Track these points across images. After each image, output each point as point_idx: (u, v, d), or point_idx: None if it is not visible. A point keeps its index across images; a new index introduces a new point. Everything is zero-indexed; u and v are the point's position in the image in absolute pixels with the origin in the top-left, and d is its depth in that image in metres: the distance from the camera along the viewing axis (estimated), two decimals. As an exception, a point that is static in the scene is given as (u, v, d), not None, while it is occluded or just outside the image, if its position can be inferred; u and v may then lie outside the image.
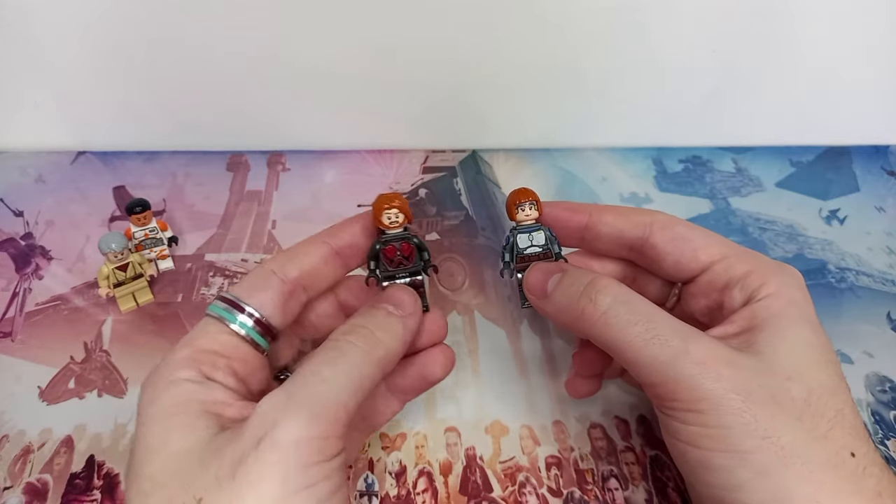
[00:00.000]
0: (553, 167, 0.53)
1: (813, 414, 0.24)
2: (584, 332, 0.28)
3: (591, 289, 0.28)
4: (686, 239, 0.30)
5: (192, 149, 0.52)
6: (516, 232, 0.32)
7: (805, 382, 0.25)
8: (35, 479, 0.33)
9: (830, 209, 0.51)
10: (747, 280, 0.28)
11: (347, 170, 0.52)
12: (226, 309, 0.27)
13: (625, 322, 0.26)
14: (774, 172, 0.54)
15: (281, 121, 0.52)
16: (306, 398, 0.23)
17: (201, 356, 0.26)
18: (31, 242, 0.45)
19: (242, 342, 0.27)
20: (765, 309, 0.27)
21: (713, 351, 0.25)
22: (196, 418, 0.24)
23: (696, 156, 0.55)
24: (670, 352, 0.25)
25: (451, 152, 0.54)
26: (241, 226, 0.47)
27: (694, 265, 0.30)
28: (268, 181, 0.51)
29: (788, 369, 0.25)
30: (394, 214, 0.30)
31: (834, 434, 0.24)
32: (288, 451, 0.22)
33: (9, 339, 0.39)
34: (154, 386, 0.25)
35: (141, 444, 0.24)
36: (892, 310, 0.44)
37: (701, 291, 0.30)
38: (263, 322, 0.28)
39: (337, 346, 0.26)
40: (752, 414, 0.24)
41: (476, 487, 0.34)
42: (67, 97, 0.49)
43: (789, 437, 0.23)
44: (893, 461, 0.36)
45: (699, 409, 0.24)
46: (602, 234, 0.32)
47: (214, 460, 0.22)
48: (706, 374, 0.24)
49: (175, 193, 0.49)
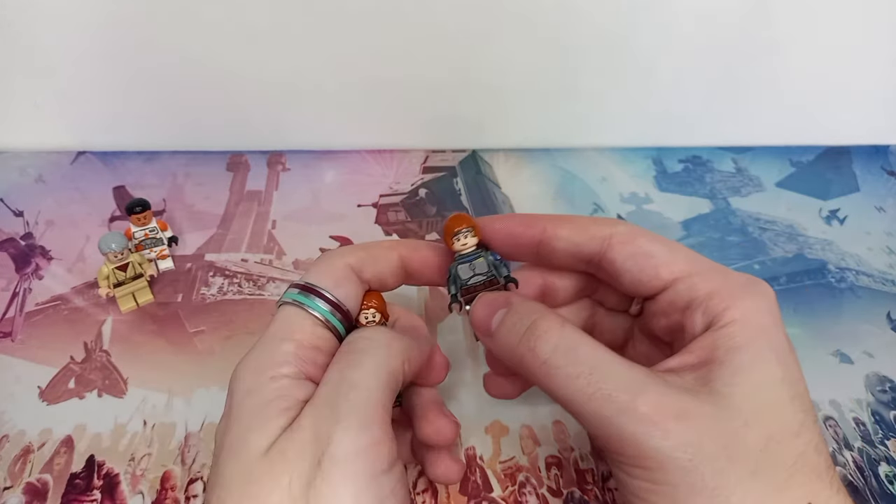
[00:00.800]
0: (553, 167, 0.53)
1: (771, 464, 0.22)
2: (529, 379, 0.27)
3: (531, 335, 0.25)
4: (647, 255, 0.27)
5: (192, 149, 0.52)
6: (456, 264, 0.29)
7: (764, 427, 0.23)
8: (35, 479, 0.33)
9: (830, 209, 0.51)
10: (711, 302, 0.26)
11: (347, 170, 0.52)
12: (304, 295, 0.27)
13: (566, 374, 0.24)
14: (774, 172, 0.54)
15: (281, 121, 0.52)
16: (348, 407, 0.23)
17: (304, 353, 0.26)
18: (31, 242, 0.45)
19: (333, 337, 0.27)
20: (727, 339, 0.24)
21: (662, 401, 0.23)
22: (280, 414, 0.24)
23: (696, 156, 0.55)
24: (614, 408, 0.23)
25: (451, 152, 0.54)
26: (241, 226, 0.47)
27: (655, 283, 0.27)
28: (268, 181, 0.51)
29: (746, 413, 0.23)
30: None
31: (793, 482, 0.22)
32: (349, 466, 0.22)
33: (9, 339, 0.39)
34: (255, 377, 0.25)
35: (227, 440, 0.23)
36: (892, 310, 0.44)
37: (661, 311, 0.28)
38: (341, 307, 0.27)
39: (356, 347, 0.26)
40: (699, 473, 0.22)
41: (476, 487, 0.34)
42: (67, 97, 0.49)
43: (740, 494, 0.22)
44: (893, 461, 0.36)
45: (645, 466, 0.23)
46: (558, 249, 0.29)
47: (285, 475, 0.22)
48: (652, 433, 0.22)
49: (175, 193, 0.49)
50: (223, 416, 0.25)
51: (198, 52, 0.46)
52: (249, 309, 0.42)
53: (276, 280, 0.44)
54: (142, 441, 0.35)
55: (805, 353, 0.41)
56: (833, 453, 0.36)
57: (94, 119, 0.51)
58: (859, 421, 0.38)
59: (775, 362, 0.24)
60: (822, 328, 0.43)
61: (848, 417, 0.38)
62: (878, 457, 0.36)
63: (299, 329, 0.26)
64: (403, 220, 0.49)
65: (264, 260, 0.45)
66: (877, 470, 0.36)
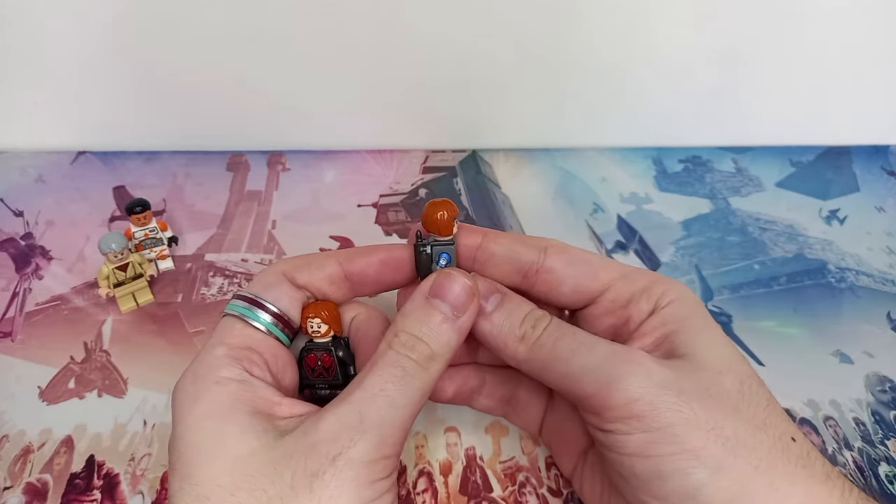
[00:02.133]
0: (553, 167, 0.53)
1: (748, 403, 0.24)
2: (515, 359, 0.28)
3: (532, 318, 0.28)
4: (584, 261, 0.30)
5: (192, 149, 0.52)
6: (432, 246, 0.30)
7: (735, 374, 0.25)
8: (35, 479, 0.33)
9: (830, 209, 0.51)
10: (651, 290, 0.28)
11: (347, 170, 0.52)
12: (246, 307, 0.28)
13: (555, 339, 0.27)
14: (774, 172, 0.54)
15: (281, 121, 0.52)
16: (378, 422, 0.24)
17: (239, 353, 0.27)
18: (31, 242, 0.45)
19: (267, 337, 0.28)
20: (673, 313, 0.27)
21: (641, 353, 0.26)
22: (251, 418, 0.24)
23: (696, 156, 0.55)
24: (598, 356, 0.26)
25: (451, 152, 0.54)
26: (241, 226, 0.47)
27: (596, 285, 0.29)
28: (268, 181, 0.51)
29: (717, 364, 0.25)
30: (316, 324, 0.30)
31: (772, 421, 0.24)
32: (360, 470, 0.23)
33: (9, 339, 0.39)
34: (196, 385, 0.25)
35: (191, 446, 0.24)
36: (892, 310, 0.44)
37: (605, 311, 0.30)
38: (282, 317, 0.29)
39: (400, 362, 0.26)
40: (689, 408, 0.23)
41: (476, 487, 0.34)
42: (67, 97, 0.49)
43: (731, 428, 0.23)
44: (893, 461, 0.36)
45: (637, 414, 0.24)
46: (496, 254, 0.30)
47: (288, 469, 0.23)
48: (637, 372, 0.24)
49: (175, 193, 0.49)
50: (173, 430, 0.25)
51: (198, 53, 0.46)
52: (249, 309, 0.42)
53: (276, 280, 0.44)
54: (142, 441, 0.35)
55: (805, 353, 0.41)
56: (833, 453, 0.36)
57: (94, 119, 0.51)
58: (859, 421, 0.38)
59: (717, 329, 0.27)
60: (822, 328, 0.43)
61: (848, 417, 0.38)
62: (878, 457, 0.36)
63: (228, 333, 0.27)
64: (403, 220, 0.49)
65: (264, 260, 0.45)
66: (877, 470, 0.36)
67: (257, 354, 0.27)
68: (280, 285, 0.29)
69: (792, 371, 0.40)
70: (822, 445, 0.37)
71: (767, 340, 0.42)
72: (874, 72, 0.52)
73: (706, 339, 0.26)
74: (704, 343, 0.26)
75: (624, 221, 0.49)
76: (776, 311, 0.44)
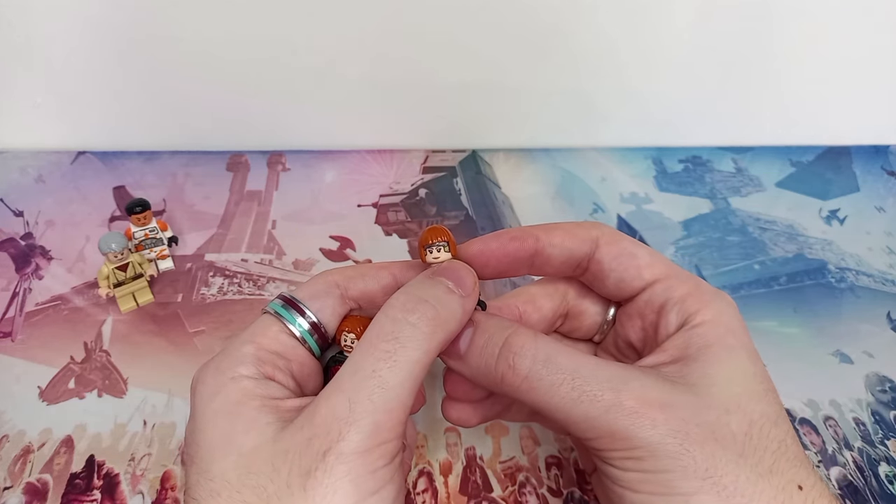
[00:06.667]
0: (553, 167, 0.53)
1: (755, 448, 0.23)
2: (509, 396, 0.27)
3: (508, 352, 0.25)
4: (632, 255, 0.29)
5: (192, 149, 0.52)
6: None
7: (745, 414, 0.24)
8: (35, 479, 0.33)
9: (830, 209, 0.51)
10: (685, 303, 0.27)
11: (347, 170, 0.52)
12: (285, 307, 0.28)
13: (549, 384, 0.24)
14: (774, 172, 0.54)
15: (281, 121, 0.52)
16: (371, 408, 0.23)
17: (266, 356, 0.26)
18: (31, 242, 0.45)
19: (299, 345, 0.27)
20: (699, 338, 0.26)
21: (646, 394, 0.24)
22: (257, 412, 0.24)
23: (696, 156, 0.55)
24: (602, 406, 0.24)
25: (451, 152, 0.54)
26: (241, 226, 0.47)
27: (637, 283, 0.28)
28: (268, 181, 0.51)
29: (726, 401, 0.24)
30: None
31: (779, 467, 0.23)
32: (355, 462, 0.22)
33: (9, 339, 0.39)
34: (217, 379, 0.25)
35: (206, 440, 0.24)
36: (892, 310, 0.44)
37: (638, 312, 0.29)
38: (320, 328, 0.28)
39: (395, 332, 0.24)
40: (690, 456, 0.23)
41: (476, 487, 0.34)
42: (67, 97, 0.49)
43: (732, 475, 0.23)
44: (893, 461, 0.36)
45: (637, 457, 0.23)
46: (553, 257, 0.29)
47: (284, 465, 0.23)
48: (641, 423, 0.23)
49: (175, 193, 0.49)
50: (191, 418, 0.25)
51: (198, 53, 0.46)
52: (249, 309, 0.42)
53: (276, 280, 0.44)
54: (142, 441, 0.35)
55: (805, 353, 0.41)
56: (833, 453, 0.36)
57: (94, 119, 0.51)
58: (859, 421, 0.38)
59: (746, 358, 0.25)
60: (822, 328, 0.43)
61: (848, 417, 0.38)
62: (878, 457, 0.36)
63: (262, 333, 0.27)
64: (403, 220, 0.49)
65: (264, 260, 0.45)
66: (877, 470, 0.36)
67: (284, 360, 0.27)
68: (327, 297, 0.29)
69: (792, 371, 0.40)
70: (823, 445, 0.37)
71: (767, 340, 0.42)
72: (874, 72, 0.52)
73: (725, 371, 0.25)
74: (720, 376, 0.25)
75: (624, 221, 0.49)
76: (776, 310, 0.44)
